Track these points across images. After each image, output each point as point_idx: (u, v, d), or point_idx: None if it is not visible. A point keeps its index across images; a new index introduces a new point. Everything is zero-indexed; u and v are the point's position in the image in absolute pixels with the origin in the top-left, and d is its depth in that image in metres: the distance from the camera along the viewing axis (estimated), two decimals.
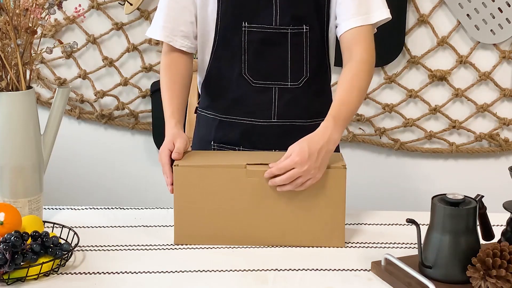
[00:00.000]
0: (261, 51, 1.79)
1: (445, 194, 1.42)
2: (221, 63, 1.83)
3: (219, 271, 1.48)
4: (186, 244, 1.61)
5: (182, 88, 1.84)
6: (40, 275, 1.42)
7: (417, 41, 2.80)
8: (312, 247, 1.60)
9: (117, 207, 1.86)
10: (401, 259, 1.45)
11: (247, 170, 1.57)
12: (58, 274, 1.45)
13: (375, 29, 1.82)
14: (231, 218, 1.59)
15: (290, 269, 1.49)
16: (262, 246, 1.60)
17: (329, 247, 1.60)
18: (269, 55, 1.79)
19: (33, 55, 1.68)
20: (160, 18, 1.83)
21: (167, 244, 1.61)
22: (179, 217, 1.61)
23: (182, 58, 1.85)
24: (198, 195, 1.59)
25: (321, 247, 1.60)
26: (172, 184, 1.62)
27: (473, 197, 1.43)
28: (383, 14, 1.77)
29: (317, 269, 1.49)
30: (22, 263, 1.40)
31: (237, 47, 1.79)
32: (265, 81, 1.81)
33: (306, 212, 1.59)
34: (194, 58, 1.92)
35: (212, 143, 1.87)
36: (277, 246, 1.60)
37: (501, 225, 1.54)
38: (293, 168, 1.55)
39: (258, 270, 1.48)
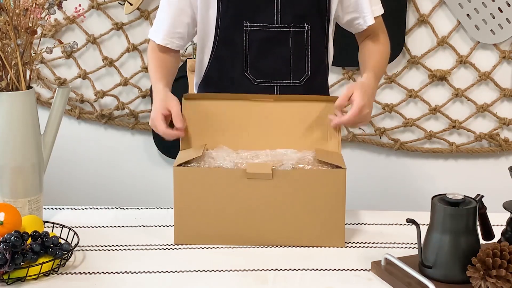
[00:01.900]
0: (263, 50, 1.80)
1: (445, 194, 1.42)
2: (222, 63, 1.83)
3: (219, 271, 1.48)
4: (186, 244, 1.61)
5: (170, 70, 1.87)
6: (40, 275, 1.42)
7: (417, 41, 2.80)
8: (312, 247, 1.60)
9: (117, 207, 1.86)
10: (401, 259, 1.45)
11: (247, 170, 1.57)
12: (58, 274, 1.45)
13: None
14: (231, 218, 1.59)
15: (290, 269, 1.49)
16: (262, 246, 1.60)
17: (329, 247, 1.60)
18: (271, 53, 1.80)
19: (33, 55, 1.68)
20: (161, 22, 1.86)
21: (167, 244, 1.61)
22: (179, 217, 1.61)
23: (171, 53, 1.89)
24: (198, 195, 1.59)
25: (321, 247, 1.60)
26: (179, 129, 1.65)
27: (473, 197, 1.43)
28: (381, 9, 1.92)
29: (317, 269, 1.49)
30: (22, 263, 1.40)
31: (239, 46, 1.80)
32: (267, 80, 1.82)
33: (306, 212, 1.58)
34: (193, 58, 1.92)
35: None
36: (277, 246, 1.60)
37: (501, 225, 1.54)
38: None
39: (258, 270, 1.48)
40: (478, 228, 1.45)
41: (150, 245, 1.61)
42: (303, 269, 1.49)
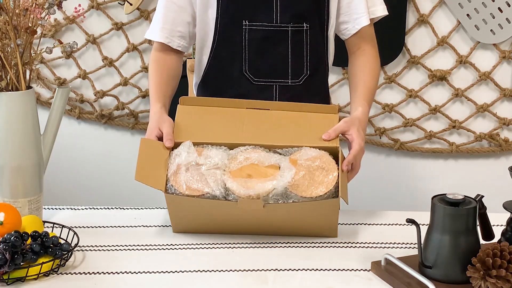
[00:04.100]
0: (262, 49, 1.80)
1: (445, 194, 1.42)
2: (221, 62, 1.84)
3: (219, 271, 1.48)
4: (184, 233, 1.63)
5: (170, 79, 1.85)
6: (40, 275, 1.42)
7: (417, 41, 2.80)
8: (306, 236, 1.61)
9: (117, 207, 1.86)
10: (401, 259, 1.45)
11: (238, 204, 1.55)
12: (58, 274, 1.45)
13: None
14: (224, 219, 1.60)
15: (290, 269, 1.49)
16: (262, 246, 1.60)
17: (322, 236, 1.61)
18: (270, 52, 1.81)
19: (33, 55, 1.68)
20: (159, 20, 1.84)
21: (167, 244, 1.61)
22: (173, 216, 1.62)
23: (173, 55, 1.87)
24: (190, 215, 1.61)
25: (313, 236, 1.61)
26: (168, 149, 1.64)
27: (473, 197, 1.43)
28: (385, 10, 1.86)
29: (317, 269, 1.49)
30: (22, 263, 1.40)
31: (238, 46, 1.80)
32: (266, 79, 1.82)
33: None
34: (192, 58, 1.92)
35: None
36: (276, 243, 1.60)
37: (501, 225, 1.54)
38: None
39: (258, 270, 1.48)
40: (478, 228, 1.45)
41: (150, 245, 1.61)
42: (303, 269, 1.49)
